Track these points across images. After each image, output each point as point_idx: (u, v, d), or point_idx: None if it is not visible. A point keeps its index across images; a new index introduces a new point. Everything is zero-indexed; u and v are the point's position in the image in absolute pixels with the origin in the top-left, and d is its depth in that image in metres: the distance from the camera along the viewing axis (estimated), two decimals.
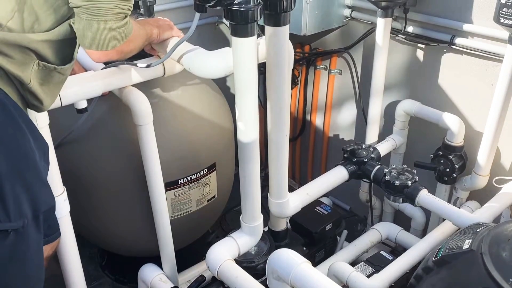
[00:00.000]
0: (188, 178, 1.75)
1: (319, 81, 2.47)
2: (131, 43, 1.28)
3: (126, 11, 1.11)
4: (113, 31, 1.10)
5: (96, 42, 1.10)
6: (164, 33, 1.45)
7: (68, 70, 1.22)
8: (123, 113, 1.57)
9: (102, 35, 1.09)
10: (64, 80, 1.24)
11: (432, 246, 1.67)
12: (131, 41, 1.22)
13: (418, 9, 1.94)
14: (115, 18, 1.09)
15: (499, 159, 1.94)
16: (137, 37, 1.31)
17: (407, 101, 2.07)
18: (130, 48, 1.30)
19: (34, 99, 1.13)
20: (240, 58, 1.20)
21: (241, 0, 1.11)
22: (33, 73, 1.10)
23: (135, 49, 1.34)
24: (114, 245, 1.99)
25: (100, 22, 1.07)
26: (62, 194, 1.42)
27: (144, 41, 1.38)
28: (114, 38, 1.11)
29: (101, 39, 1.10)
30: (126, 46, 1.24)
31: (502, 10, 1.51)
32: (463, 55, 1.89)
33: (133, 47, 1.32)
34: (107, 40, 1.11)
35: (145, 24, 1.42)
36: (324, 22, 2.15)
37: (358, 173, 1.87)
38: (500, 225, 1.27)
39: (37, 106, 1.17)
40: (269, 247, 1.70)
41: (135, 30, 1.24)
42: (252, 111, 1.29)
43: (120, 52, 1.26)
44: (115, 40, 1.12)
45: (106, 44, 1.11)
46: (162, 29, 1.45)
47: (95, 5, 1.05)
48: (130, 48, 1.30)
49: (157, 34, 1.43)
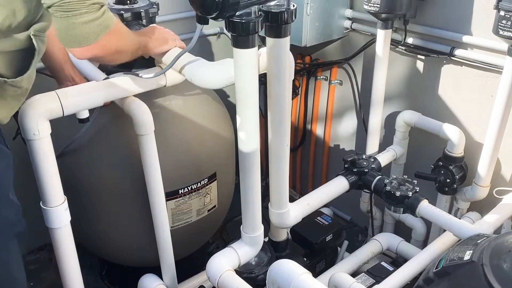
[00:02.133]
0: (188, 188, 1.75)
1: (319, 92, 2.49)
2: (117, 39, 1.20)
3: (99, 1, 1.07)
4: (91, 23, 1.06)
5: (76, 38, 1.06)
6: (160, 47, 1.42)
7: (24, 82, 1.16)
8: (125, 123, 1.58)
9: (80, 30, 1.05)
10: (24, 93, 1.20)
11: (433, 257, 1.67)
12: (116, 36, 1.17)
13: (418, 21, 1.95)
14: (89, 10, 1.05)
15: (499, 170, 1.94)
16: (126, 37, 1.26)
17: (407, 112, 2.08)
18: (116, 44, 1.20)
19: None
20: (241, 69, 1.21)
21: (243, 12, 1.12)
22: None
23: (123, 50, 1.26)
24: (114, 255, 1.98)
25: (74, 17, 1.04)
26: (63, 203, 1.42)
27: (135, 48, 1.33)
28: (93, 31, 1.07)
29: (80, 34, 1.06)
30: (111, 41, 1.16)
31: (501, 22, 1.53)
32: (463, 66, 1.90)
33: (121, 46, 1.24)
34: (87, 34, 1.06)
35: (141, 34, 1.40)
36: (324, 33, 2.17)
37: (359, 184, 1.87)
38: (501, 236, 1.26)
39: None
40: (270, 258, 1.70)
41: (123, 30, 1.21)
42: (253, 121, 1.30)
43: (104, 48, 1.16)
44: (95, 33, 1.08)
45: (86, 39, 1.07)
46: (158, 42, 1.42)
47: (66, 0, 1.02)
48: (116, 44, 1.20)
49: (151, 46, 1.40)
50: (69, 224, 1.46)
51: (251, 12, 1.13)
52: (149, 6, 1.64)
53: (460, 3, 1.81)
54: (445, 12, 1.87)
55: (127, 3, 1.62)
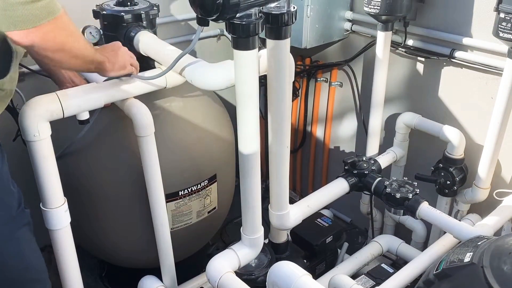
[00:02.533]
0: (188, 190, 1.75)
1: (319, 93, 2.49)
2: (64, 34, 1.11)
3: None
4: (31, 5, 0.98)
5: (12, 20, 0.98)
6: (115, 72, 1.39)
7: (6, 84, 1.13)
8: (125, 124, 1.58)
9: (18, 11, 0.98)
10: (8, 94, 1.17)
11: (433, 259, 1.67)
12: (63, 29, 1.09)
13: (418, 23, 1.95)
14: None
15: (499, 172, 1.94)
16: (76, 36, 1.17)
17: (408, 113, 2.08)
18: (61, 39, 1.10)
19: None
20: (242, 71, 1.21)
21: (243, 14, 1.12)
22: None
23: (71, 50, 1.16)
24: (114, 256, 1.98)
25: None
26: (62, 205, 1.42)
27: (88, 59, 1.26)
28: (33, 14, 0.99)
29: (17, 15, 0.98)
30: (55, 32, 1.07)
31: (501, 25, 1.53)
32: (463, 68, 1.90)
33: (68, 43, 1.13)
34: (25, 16, 0.98)
35: (100, 50, 1.35)
36: (324, 35, 2.17)
37: (359, 185, 1.87)
38: (501, 238, 1.26)
39: None
40: (270, 260, 1.70)
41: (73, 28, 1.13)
42: (253, 122, 1.30)
43: (46, 37, 1.06)
44: (35, 16, 1.00)
45: (24, 21, 0.99)
46: (116, 66, 1.38)
47: None
48: (61, 39, 1.10)
49: (108, 68, 1.36)
50: (69, 226, 1.46)
51: (252, 14, 1.13)
52: (150, 7, 1.64)
53: (460, 5, 1.81)
54: (445, 14, 1.87)
55: (127, 5, 1.62)
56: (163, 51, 1.49)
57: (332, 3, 2.12)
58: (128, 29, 1.57)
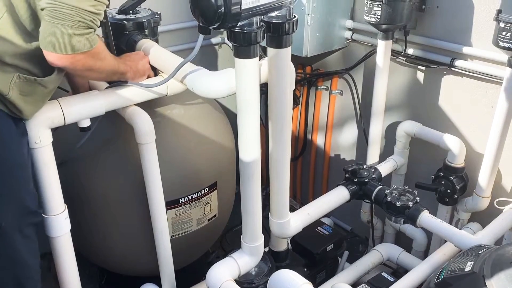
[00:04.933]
0: (189, 197, 1.75)
1: (320, 102, 2.49)
2: (93, 61, 1.25)
3: (88, 22, 1.14)
4: (72, 37, 1.13)
5: (52, 43, 1.14)
6: (136, 79, 1.50)
7: (50, 83, 1.26)
8: (126, 131, 1.58)
9: (59, 38, 1.13)
10: (49, 92, 1.29)
11: (434, 268, 1.66)
12: (93, 59, 1.23)
13: (418, 32, 1.96)
14: (74, 25, 1.12)
15: (500, 181, 1.94)
16: (103, 62, 1.31)
17: (408, 122, 2.08)
18: (89, 64, 1.25)
19: (13, 107, 1.20)
20: (243, 79, 1.22)
21: (244, 23, 1.13)
22: (13, 85, 1.18)
23: (96, 70, 1.30)
24: (114, 264, 1.97)
25: (59, 25, 1.11)
26: (63, 212, 1.42)
27: (110, 73, 1.39)
28: (71, 44, 1.14)
29: (58, 41, 1.13)
30: (86, 60, 1.22)
31: (501, 34, 1.54)
32: (463, 77, 1.91)
33: (94, 66, 1.27)
34: (64, 44, 1.13)
35: (123, 61, 1.45)
36: (325, 44, 2.18)
37: (360, 194, 1.87)
38: (502, 248, 1.26)
39: (17, 115, 1.23)
40: (270, 268, 1.69)
41: (103, 56, 1.29)
42: (254, 130, 1.30)
43: (76, 63, 1.21)
44: (71, 47, 1.15)
45: (61, 48, 1.14)
46: (136, 74, 1.49)
47: (57, 9, 1.10)
48: (89, 64, 1.25)
49: (129, 77, 1.47)
50: (69, 233, 1.46)
51: (253, 22, 1.14)
52: (152, 16, 1.65)
53: (460, 15, 1.82)
54: (445, 23, 1.88)
55: (129, 13, 1.64)
56: (165, 59, 1.50)
57: (332, 12, 2.13)
58: (130, 37, 1.58)
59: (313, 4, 2.03)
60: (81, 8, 1.11)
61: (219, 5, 1.04)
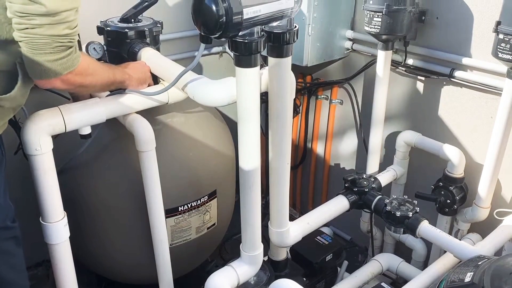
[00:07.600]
0: (188, 205, 1.75)
1: (320, 111, 2.50)
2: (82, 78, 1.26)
3: (66, 43, 1.14)
4: (54, 62, 1.14)
5: (38, 72, 1.15)
6: (136, 87, 1.50)
7: (5, 102, 1.20)
8: (126, 139, 1.58)
9: (43, 66, 1.14)
10: (7, 112, 1.24)
11: (433, 278, 1.65)
12: (81, 75, 1.24)
13: (418, 43, 1.98)
14: (53, 51, 1.13)
15: (499, 191, 1.93)
16: (94, 75, 1.32)
17: (408, 132, 2.09)
18: (80, 81, 1.26)
19: None
20: (243, 88, 1.22)
21: (246, 32, 1.13)
22: None
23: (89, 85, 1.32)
24: (113, 272, 1.97)
25: (39, 55, 1.12)
26: (62, 219, 1.42)
27: (106, 84, 1.40)
28: (55, 68, 1.15)
29: (42, 69, 1.14)
30: (75, 78, 1.23)
31: (500, 45, 1.55)
32: (463, 88, 1.92)
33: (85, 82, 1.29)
34: (48, 70, 1.15)
35: (122, 70, 1.45)
36: (325, 53, 2.20)
37: (359, 203, 1.87)
38: (502, 258, 1.26)
39: None
40: (269, 277, 1.68)
41: (92, 69, 1.29)
42: (254, 139, 1.30)
43: (66, 82, 1.22)
44: (55, 71, 1.16)
45: (47, 74, 1.15)
46: (137, 82, 1.50)
47: (34, 40, 1.10)
48: (80, 81, 1.26)
49: (128, 85, 1.48)
50: (68, 240, 1.45)
51: (254, 32, 1.15)
52: (153, 24, 1.66)
53: (460, 26, 1.84)
54: (445, 34, 1.90)
55: (131, 22, 1.65)
56: (166, 68, 1.51)
57: (333, 22, 2.15)
58: (131, 45, 1.59)
59: (313, 14, 2.05)
60: (56, 35, 1.11)
61: (221, 15, 1.04)
